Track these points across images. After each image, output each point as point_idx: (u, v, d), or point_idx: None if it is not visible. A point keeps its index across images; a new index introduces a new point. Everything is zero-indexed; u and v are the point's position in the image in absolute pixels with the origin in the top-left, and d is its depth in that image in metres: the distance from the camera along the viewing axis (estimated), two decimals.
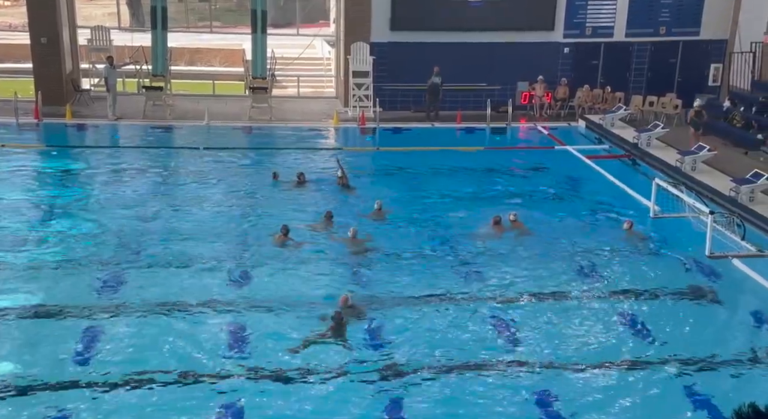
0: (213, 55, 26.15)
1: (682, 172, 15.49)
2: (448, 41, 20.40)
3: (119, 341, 9.14)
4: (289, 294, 10.40)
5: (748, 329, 9.90)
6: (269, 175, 15.55)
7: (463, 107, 20.54)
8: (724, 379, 8.55)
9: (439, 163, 16.80)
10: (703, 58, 21.25)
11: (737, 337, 9.69)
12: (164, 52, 20.47)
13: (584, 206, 14.34)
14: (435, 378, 8.48)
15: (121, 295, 10.31)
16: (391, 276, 11.08)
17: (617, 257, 11.97)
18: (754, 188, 13.72)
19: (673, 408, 8.04)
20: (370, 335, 9.37)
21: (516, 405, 8.05)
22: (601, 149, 18.33)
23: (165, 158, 17.12)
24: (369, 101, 20.26)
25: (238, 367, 8.59)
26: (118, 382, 8.24)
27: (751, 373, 8.73)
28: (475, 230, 12.87)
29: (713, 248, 11.67)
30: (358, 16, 20.38)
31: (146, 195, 14.48)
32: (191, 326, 9.53)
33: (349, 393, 8.22)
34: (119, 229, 12.64)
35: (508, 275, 11.18)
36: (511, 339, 9.37)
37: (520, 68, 20.77)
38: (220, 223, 13.09)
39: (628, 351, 9.16)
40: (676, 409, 8.01)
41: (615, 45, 21.09)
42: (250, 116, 20.07)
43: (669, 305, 10.45)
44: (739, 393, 8.12)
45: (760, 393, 8.27)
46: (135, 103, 20.35)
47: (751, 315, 10.17)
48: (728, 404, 7.45)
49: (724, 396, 8.01)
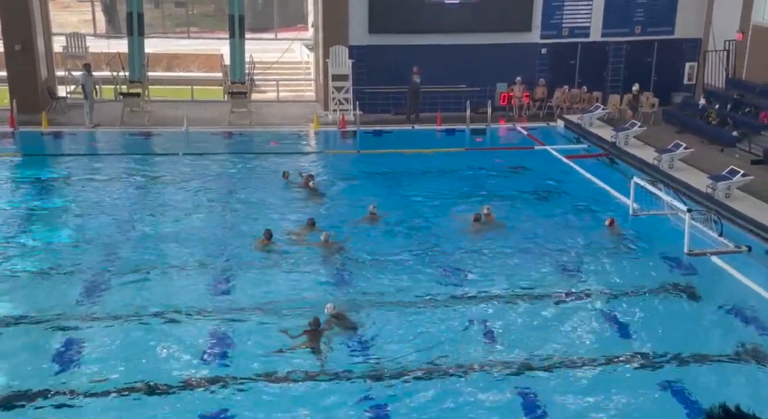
0: (191, 61, 26.00)
1: (659, 170, 15.66)
2: (427, 43, 20.47)
3: (99, 349, 9.07)
4: (270, 300, 10.37)
5: (727, 325, 10.03)
6: (249, 179, 15.50)
7: (443, 108, 20.60)
8: (703, 375, 8.65)
9: (420, 165, 16.84)
10: (678, 56, 21.50)
11: (716, 333, 9.82)
12: (141, 58, 20.33)
13: (564, 206, 14.45)
14: (418, 379, 8.50)
15: (101, 303, 10.23)
16: (373, 279, 11.09)
17: (598, 256, 12.07)
18: (731, 184, 13.90)
19: (653, 404, 8.12)
20: (352, 338, 9.37)
21: (500, 405, 8.09)
22: (580, 148, 18.48)
23: (144, 165, 16.99)
24: (349, 104, 20.26)
25: (220, 373, 8.55)
26: (100, 390, 8.17)
27: (730, 368, 8.85)
28: (456, 229, 12.95)
29: (692, 245, 11.81)
30: (336, 20, 20.39)
31: (126, 203, 14.37)
32: (172, 333, 9.47)
33: (332, 397, 8.22)
34: (98, 237, 12.53)
35: (491, 276, 11.24)
36: (494, 339, 9.41)
37: (499, 69, 20.89)
38: (201, 229, 13.02)
39: (610, 348, 9.25)
40: (656, 405, 8.09)
41: (591, 45, 21.28)
42: (229, 121, 19.98)
43: (649, 302, 10.56)
44: (718, 388, 8.23)
45: (738, 387, 8.39)
46: (112, 110, 20.17)
47: (729, 311, 10.31)
48: (707, 399, 7.55)
49: (703, 392, 8.10)
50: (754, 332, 9.68)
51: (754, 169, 15.07)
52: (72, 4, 29.09)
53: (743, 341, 9.40)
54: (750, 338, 9.49)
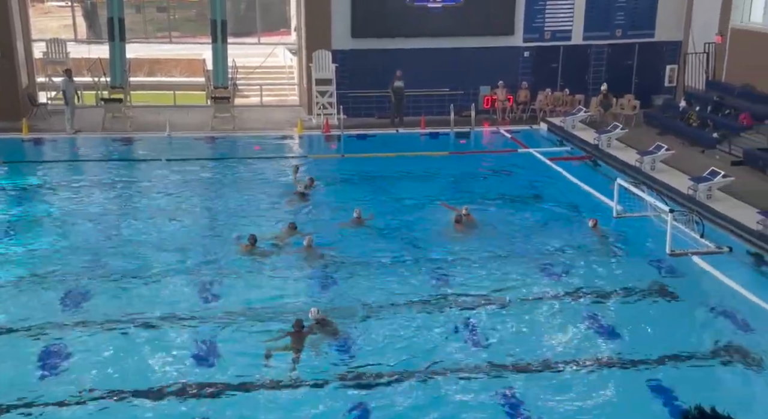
0: (173, 66, 25.86)
1: (642, 171, 15.79)
2: (410, 47, 20.52)
3: (82, 357, 8.98)
4: (255, 305, 10.33)
5: (708, 324, 10.11)
6: (233, 184, 15.45)
7: (426, 112, 20.65)
8: (686, 374, 8.71)
9: (404, 168, 16.86)
10: (659, 59, 21.71)
11: (697, 333, 9.90)
12: (123, 63, 20.20)
13: (548, 208, 14.52)
14: (403, 383, 8.49)
15: (84, 310, 10.14)
16: (357, 283, 11.08)
17: (582, 257, 12.14)
18: (712, 185, 14.04)
19: (637, 405, 8.16)
20: (335, 343, 9.34)
21: (485, 409, 8.10)
22: (564, 151, 18.59)
23: (126, 171, 16.86)
24: (333, 109, 20.25)
25: (204, 380, 8.49)
26: (83, 398, 8.09)
27: (712, 367, 8.93)
28: (440, 231, 12.99)
29: (674, 245, 11.90)
30: (319, 24, 20.38)
31: (108, 209, 14.26)
32: (156, 339, 9.41)
33: (315, 402, 8.19)
34: (81, 244, 12.43)
35: (475, 278, 11.27)
36: (478, 342, 9.43)
37: (482, 73, 20.98)
38: (184, 235, 12.95)
39: (593, 349, 9.29)
40: (639, 405, 8.13)
41: (573, 48, 21.44)
42: (212, 126, 19.89)
43: (631, 302, 10.63)
44: (700, 388, 8.29)
45: (720, 387, 8.46)
46: (94, 116, 20.00)
47: (711, 311, 10.40)
48: (689, 398, 7.61)
49: (685, 391, 8.16)
50: (735, 331, 9.77)
51: (735, 170, 15.24)
52: (52, 9, 28.84)
53: (724, 340, 9.48)
54: (731, 337, 9.58)
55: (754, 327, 9.78)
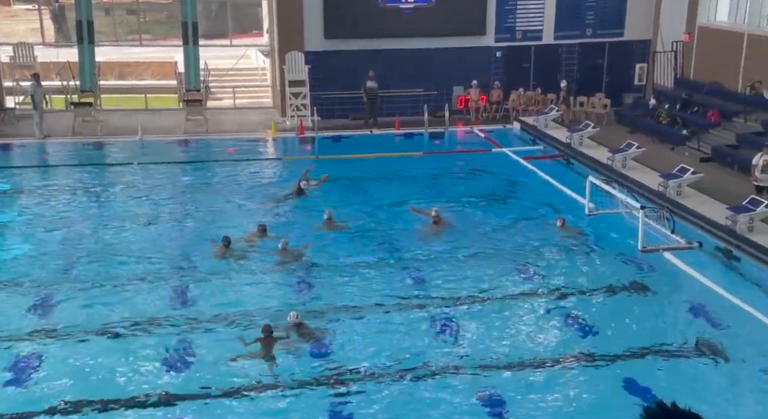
0: (144, 69, 25.57)
1: (613, 169, 15.98)
2: (383, 48, 20.55)
3: (54, 365, 8.85)
4: (230, 309, 10.26)
5: (679, 319, 10.27)
6: (207, 188, 15.35)
7: (401, 113, 20.68)
8: (657, 369, 8.83)
9: (379, 169, 16.87)
10: (629, 58, 21.98)
11: (669, 327, 10.06)
12: (92, 67, 19.94)
13: (522, 206, 14.63)
14: (381, 385, 8.49)
15: (55, 317, 9.99)
16: (332, 285, 11.07)
17: (555, 255, 12.25)
18: (681, 182, 14.25)
19: (610, 399, 8.25)
20: (313, 347, 9.32)
21: (462, 407, 8.13)
22: (536, 149, 18.74)
23: (98, 176, 16.65)
24: (306, 110, 20.19)
25: (178, 385, 8.42)
26: (55, 408, 7.97)
27: (682, 361, 9.06)
28: (414, 231, 13.01)
29: (645, 241, 12.07)
30: (291, 26, 20.31)
31: (79, 214, 14.07)
32: (130, 346, 9.30)
33: (293, 405, 8.16)
34: (52, 250, 12.24)
35: (450, 277, 11.31)
36: (454, 341, 9.47)
37: (455, 73, 21.08)
38: (158, 239, 12.82)
39: (567, 346, 9.37)
40: (612, 400, 8.22)
41: (544, 48, 21.62)
42: (185, 129, 19.72)
43: (604, 298, 10.75)
44: (670, 381, 8.41)
45: (689, 380, 8.60)
46: (63, 120, 19.72)
47: (681, 305, 10.55)
48: (661, 392, 7.73)
49: (657, 385, 8.27)
50: (705, 325, 9.93)
51: (704, 166, 15.50)
52: (19, 12, 28.36)
53: (694, 334, 9.62)
54: (700, 331, 9.73)
55: (722, 321, 9.95)
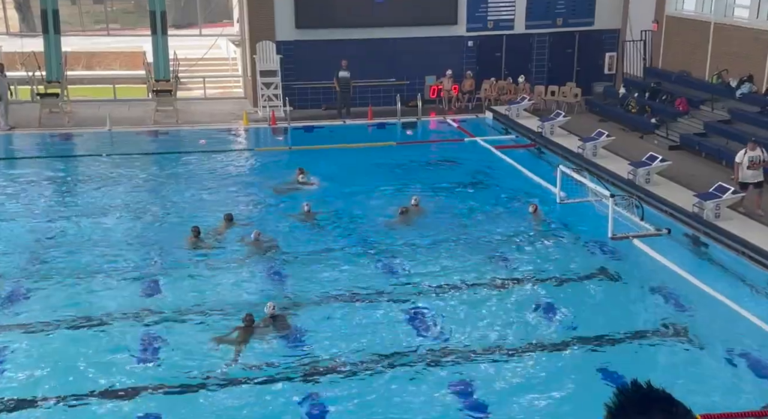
0: (112, 59, 25.14)
1: (584, 158, 16.15)
2: (355, 38, 20.45)
3: (23, 358, 8.73)
4: (202, 300, 10.21)
5: (648, 304, 10.45)
6: (178, 180, 15.19)
7: (373, 102, 20.64)
8: (628, 353, 8.99)
9: (352, 160, 16.83)
10: (598, 47, 22.16)
11: (638, 312, 10.23)
12: (58, 57, 19.54)
13: (494, 195, 14.72)
14: (356, 375, 8.52)
15: (25, 310, 9.85)
16: (306, 275, 11.05)
17: (527, 242, 12.36)
18: (650, 170, 14.45)
19: (582, 384, 8.37)
20: (288, 338, 9.31)
21: (439, 395, 8.20)
22: (508, 139, 18.85)
23: (66, 168, 16.37)
24: (279, 101, 20.04)
25: (152, 377, 8.36)
26: (27, 398, 7.88)
27: (653, 345, 9.24)
28: (387, 221, 13.04)
29: (615, 229, 12.24)
30: (261, 15, 20.11)
31: (48, 207, 13.85)
32: (102, 338, 9.21)
33: (268, 396, 8.15)
34: (19, 243, 12.04)
35: (423, 266, 11.36)
36: (427, 330, 9.52)
37: (427, 63, 21.07)
38: (127, 231, 12.68)
39: (539, 332, 9.49)
40: (584, 384, 8.34)
41: (516, 37, 21.71)
42: (155, 119, 19.46)
43: (575, 285, 10.88)
44: (641, 365, 8.57)
45: (659, 363, 8.77)
46: (30, 111, 19.32)
47: (651, 291, 10.73)
48: (631, 375, 7.85)
49: (628, 369, 8.40)
50: (674, 310, 10.12)
51: (672, 154, 15.74)
52: None
53: (663, 319, 9.81)
54: (669, 316, 9.92)
55: (689, 306, 10.15)
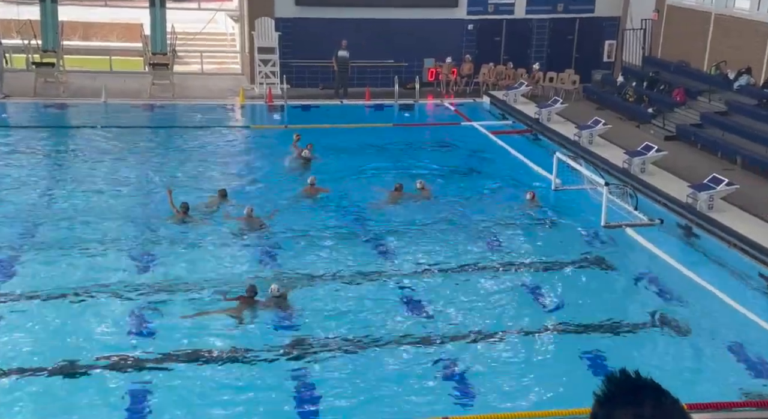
0: (109, 30, 24.87)
1: (580, 145, 16.17)
2: (355, 17, 20.28)
3: (16, 330, 8.74)
4: (191, 275, 10.22)
5: (639, 293, 10.54)
6: (172, 154, 15.19)
7: (371, 83, 20.54)
8: (619, 341, 9.08)
9: (348, 140, 16.79)
10: (598, 34, 22.09)
11: (629, 301, 10.32)
12: (55, 26, 19.32)
13: (489, 180, 14.74)
14: (348, 355, 8.57)
15: (17, 282, 9.83)
16: (298, 254, 11.08)
17: (521, 228, 12.41)
18: (645, 159, 14.49)
19: (571, 371, 8.46)
20: (283, 318, 9.35)
21: (427, 377, 8.27)
22: (505, 124, 18.82)
23: (59, 139, 16.28)
24: (276, 78, 19.92)
25: (144, 351, 8.39)
26: (15, 370, 7.90)
27: (643, 333, 9.33)
28: (381, 201, 13.05)
29: (608, 218, 12.30)
30: None
31: (40, 178, 13.79)
32: (93, 311, 9.22)
33: (260, 372, 8.21)
34: (11, 213, 11.99)
35: (417, 249, 11.40)
36: (419, 312, 9.58)
37: (427, 45, 20.95)
38: (119, 204, 12.65)
39: (531, 319, 9.56)
40: (574, 371, 8.43)
41: (516, 22, 21.60)
42: (150, 93, 19.32)
43: (567, 273, 10.96)
44: (631, 353, 8.67)
45: (649, 351, 8.87)
46: (24, 80, 19.13)
47: (642, 280, 10.82)
48: (621, 363, 7.94)
49: (618, 357, 8.51)
50: (663, 299, 10.21)
51: (668, 145, 15.78)
52: None
53: (653, 308, 9.90)
54: (660, 305, 10.01)
55: (680, 295, 10.24)
